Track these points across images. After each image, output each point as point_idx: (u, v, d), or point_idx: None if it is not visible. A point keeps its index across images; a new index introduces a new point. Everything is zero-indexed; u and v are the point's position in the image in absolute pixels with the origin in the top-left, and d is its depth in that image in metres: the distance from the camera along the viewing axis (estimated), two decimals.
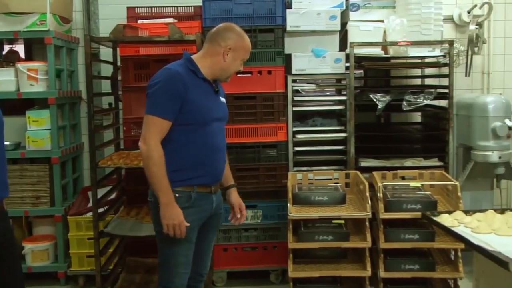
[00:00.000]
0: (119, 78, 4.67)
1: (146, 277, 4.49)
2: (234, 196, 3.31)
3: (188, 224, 2.88)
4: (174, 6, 4.84)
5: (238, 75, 4.42)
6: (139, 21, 4.59)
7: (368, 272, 3.81)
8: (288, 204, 3.91)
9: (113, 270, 4.47)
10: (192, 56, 3.03)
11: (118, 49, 4.59)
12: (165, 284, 3.04)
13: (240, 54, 3.03)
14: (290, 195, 3.97)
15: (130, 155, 4.24)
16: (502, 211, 2.99)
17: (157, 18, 4.66)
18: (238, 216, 3.31)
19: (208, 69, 2.99)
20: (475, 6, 5.27)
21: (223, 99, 3.16)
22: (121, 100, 4.69)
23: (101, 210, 4.28)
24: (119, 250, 4.59)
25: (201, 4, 4.52)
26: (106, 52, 4.89)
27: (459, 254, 3.88)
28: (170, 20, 4.55)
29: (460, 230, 2.73)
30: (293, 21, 4.47)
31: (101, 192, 4.32)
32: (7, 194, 2.89)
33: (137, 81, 4.62)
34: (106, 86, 4.96)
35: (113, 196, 4.62)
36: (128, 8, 4.84)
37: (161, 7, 4.83)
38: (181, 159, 2.93)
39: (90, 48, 4.02)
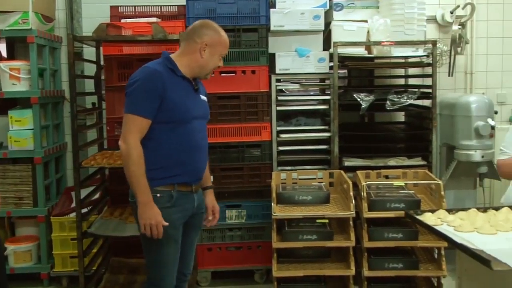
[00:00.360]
0: (103, 77, 4.64)
1: (129, 277, 4.48)
2: (210, 198, 3.31)
3: (166, 224, 2.88)
4: (158, 6, 4.82)
5: (222, 74, 4.44)
6: (123, 20, 4.57)
7: (352, 271, 3.82)
8: (272, 204, 3.90)
9: (97, 270, 4.45)
10: (170, 55, 3.04)
11: (101, 48, 4.57)
12: (157, 283, 3.04)
13: (217, 50, 3.04)
14: (274, 195, 3.97)
15: (113, 155, 4.22)
16: (484, 210, 3.00)
17: (141, 17, 4.63)
18: (210, 218, 3.30)
19: (186, 67, 3.01)
20: (458, 6, 5.30)
21: (204, 97, 3.16)
22: (105, 100, 4.66)
23: (84, 210, 4.25)
24: (102, 250, 4.56)
25: (184, 3, 4.51)
26: (89, 51, 4.85)
27: (443, 252, 3.90)
28: (154, 19, 4.53)
29: (443, 228, 2.73)
30: (277, 20, 4.47)
31: (84, 192, 4.30)
32: None
33: (121, 81, 4.58)
34: (89, 85, 4.92)
35: (96, 196, 4.58)
36: (111, 7, 4.80)
37: (144, 6, 4.81)
38: (162, 157, 2.93)
39: (73, 47, 3.99)
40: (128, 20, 4.55)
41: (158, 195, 2.92)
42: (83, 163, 4.08)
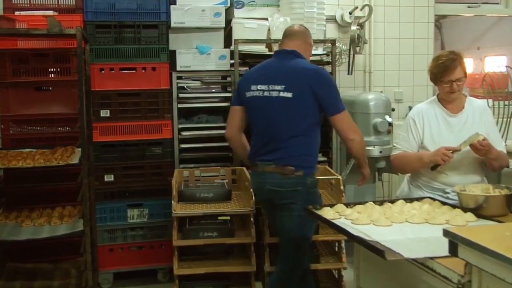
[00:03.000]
0: None
1: (26, 283, 4.27)
2: None
3: None
4: None
5: (122, 71, 4.39)
6: (17, 13, 4.37)
7: (252, 267, 3.82)
8: (173, 202, 3.86)
9: None
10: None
11: None
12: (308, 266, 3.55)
13: None
14: (174, 192, 3.92)
15: (8, 155, 4.04)
16: (381, 203, 3.09)
17: (36, 10, 4.45)
18: None
19: None
20: (356, 7, 5.44)
21: None
22: None
23: None
24: None
25: None
26: None
27: (343, 245, 3.98)
28: (50, 13, 4.36)
29: (341, 222, 2.78)
30: (177, 17, 4.44)
31: None
32: None
33: (15, 76, 4.39)
34: None
35: None
36: None
37: None
38: (314, 149, 3.43)
39: None
40: (23, 13, 4.36)
41: (312, 179, 3.37)
42: None
